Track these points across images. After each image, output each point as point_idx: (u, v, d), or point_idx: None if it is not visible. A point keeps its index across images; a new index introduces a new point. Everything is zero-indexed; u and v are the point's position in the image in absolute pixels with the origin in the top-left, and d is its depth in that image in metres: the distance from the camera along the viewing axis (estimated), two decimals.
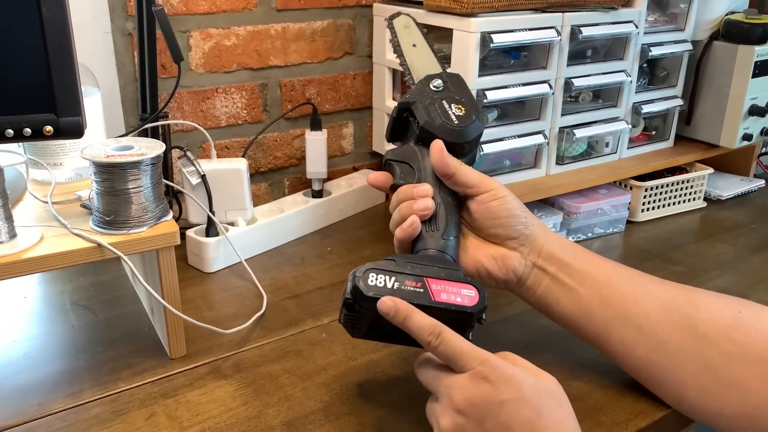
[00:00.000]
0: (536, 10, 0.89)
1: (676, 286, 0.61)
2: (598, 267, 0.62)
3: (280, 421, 0.60)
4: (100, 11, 0.89)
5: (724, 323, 0.56)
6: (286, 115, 1.07)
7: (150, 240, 0.63)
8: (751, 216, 1.07)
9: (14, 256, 0.59)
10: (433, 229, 0.60)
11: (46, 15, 0.55)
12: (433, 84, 0.66)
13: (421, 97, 0.65)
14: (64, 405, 0.62)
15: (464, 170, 0.61)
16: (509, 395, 0.47)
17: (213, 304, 0.80)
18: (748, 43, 1.03)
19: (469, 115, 0.64)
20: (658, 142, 1.11)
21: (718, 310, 0.58)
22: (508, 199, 0.62)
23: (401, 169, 0.64)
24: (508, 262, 0.62)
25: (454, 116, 0.63)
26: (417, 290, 0.54)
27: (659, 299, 0.59)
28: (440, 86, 0.66)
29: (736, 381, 0.54)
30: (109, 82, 0.92)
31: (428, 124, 0.63)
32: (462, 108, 0.64)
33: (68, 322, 0.76)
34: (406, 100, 0.66)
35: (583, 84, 0.95)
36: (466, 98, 0.65)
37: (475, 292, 0.54)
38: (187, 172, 0.86)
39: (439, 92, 0.65)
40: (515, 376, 0.48)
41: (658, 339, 0.58)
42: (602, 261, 0.63)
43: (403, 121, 0.67)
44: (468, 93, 0.66)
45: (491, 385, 0.47)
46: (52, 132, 0.58)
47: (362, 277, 0.54)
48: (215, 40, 0.97)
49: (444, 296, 0.54)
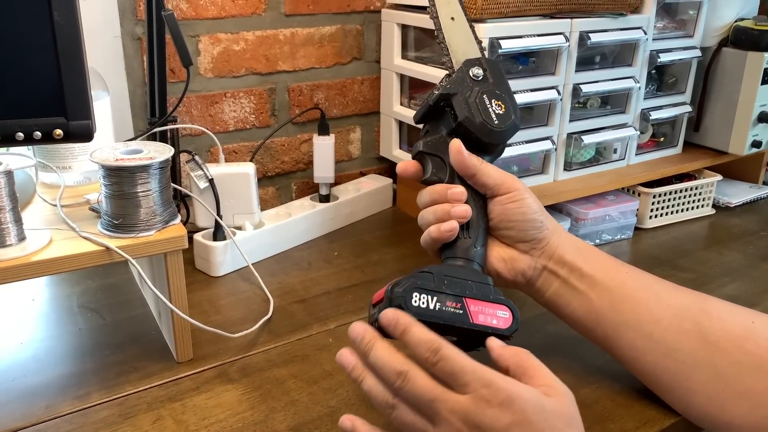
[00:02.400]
0: (545, 16, 0.89)
1: (690, 294, 0.61)
2: (610, 272, 0.62)
3: (286, 426, 0.60)
4: (110, 16, 0.89)
5: (736, 333, 0.56)
6: (294, 119, 1.07)
7: (158, 244, 0.63)
8: (760, 223, 1.06)
9: (23, 259, 0.59)
10: (466, 237, 0.60)
11: (57, 19, 0.56)
12: (472, 72, 0.62)
13: (461, 88, 0.62)
14: (72, 408, 0.62)
15: (486, 170, 0.61)
16: (513, 418, 0.45)
17: (220, 307, 0.80)
18: (758, 50, 1.02)
19: (509, 114, 0.61)
20: (667, 149, 1.10)
21: (731, 320, 0.57)
22: (526, 202, 0.61)
23: (433, 163, 0.63)
24: (516, 265, 0.62)
25: (494, 115, 0.61)
26: (457, 311, 0.55)
27: (671, 306, 0.59)
28: (480, 76, 0.62)
29: (747, 391, 0.54)
30: (119, 86, 0.92)
31: (468, 121, 0.61)
32: (502, 106, 0.61)
33: (76, 324, 0.76)
34: (447, 91, 0.62)
35: (592, 90, 0.94)
36: (505, 93, 0.62)
37: (509, 313, 0.56)
38: (195, 176, 0.86)
39: (479, 83, 0.62)
40: (520, 397, 0.46)
41: (668, 346, 0.57)
42: (616, 266, 0.63)
43: (438, 109, 0.64)
44: (507, 85, 0.63)
45: (496, 410, 0.45)
46: (62, 135, 0.59)
47: (406, 297, 0.54)
48: (224, 45, 0.98)
49: (481, 318, 0.55)
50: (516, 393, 0.46)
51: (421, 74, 0.97)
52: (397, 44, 1.03)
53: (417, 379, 0.48)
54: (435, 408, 0.47)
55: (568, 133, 0.96)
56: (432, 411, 0.47)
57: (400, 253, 0.95)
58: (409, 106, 1.05)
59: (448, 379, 0.48)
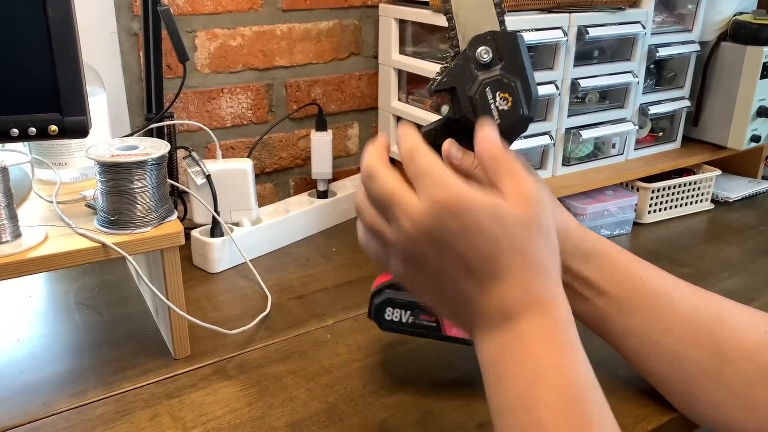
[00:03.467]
0: (543, 10, 0.89)
1: (705, 299, 0.58)
2: (622, 281, 0.58)
3: (284, 422, 0.59)
4: (106, 11, 0.89)
5: (748, 344, 0.54)
6: (291, 115, 1.07)
7: (154, 240, 0.63)
8: (759, 218, 1.06)
9: (18, 256, 0.59)
10: None
11: (51, 14, 0.55)
12: (479, 54, 0.51)
13: (461, 80, 0.52)
14: (69, 405, 0.62)
15: None
16: (462, 224, 0.42)
17: (217, 304, 0.80)
18: (757, 44, 1.02)
19: (516, 108, 0.51)
20: (665, 144, 1.10)
21: (745, 329, 0.55)
22: None
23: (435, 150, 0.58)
24: None
25: (496, 112, 0.52)
26: (430, 324, 0.58)
27: (685, 316, 0.56)
28: (488, 60, 0.51)
29: (755, 402, 0.53)
30: (115, 83, 0.92)
31: (465, 120, 0.52)
32: (509, 99, 0.52)
33: (73, 321, 0.76)
34: (442, 86, 0.52)
35: (590, 85, 0.94)
36: (516, 79, 0.52)
37: None
38: (192, 172, 0.86)
39: (485, 69, 0.51)
40: (473, 202, 0.42)
41: (676, 354, 0.56)
42: (628, 272, 0.59)
43: None
44: (521, 68, 0.52)
45: (445, 215, 0.42)
46: (57, 131, 0.58)
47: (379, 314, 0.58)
48: (221, 41, 0.97)
49: (455, 330, 0.58)
50: (469, 198, 0.42)
51: (420, 69, 0.97)
52: (395, 39, 1.02)
53: (382, 177, 0.45)
54: (391, 208, 0.44)
55: (566, 128, 0.96)
56: (388, 210, 0.45)
57: None
58: (407, 102, 1.04)
59: (414, 181, 0.44)
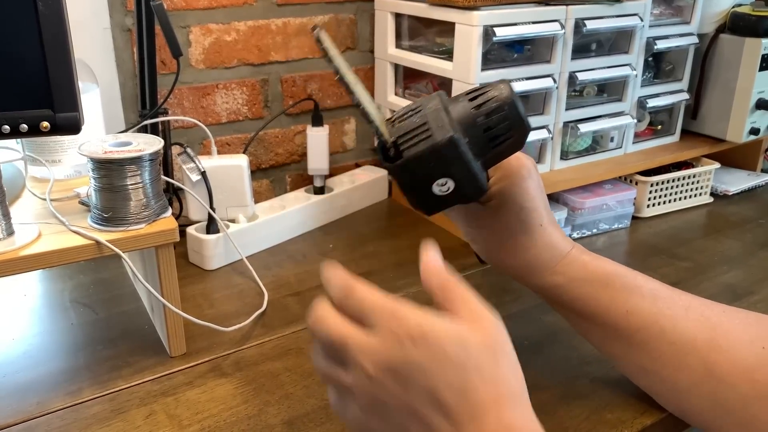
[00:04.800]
0: (540, 3, 0.88)
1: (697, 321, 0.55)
2: (608, 310, 0.57)
3: (280, 420, 0.59)
4: (99, 7, 0.88)
5: (745, 365, 0.52)
6: (287, 111, 1.06)
7: (148, 237, 0.63)
8: (759, 211, 1.06)
9: (11, 253, 0.58)
10: None
11: (41, 9, 0.55)
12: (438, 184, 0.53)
13: None
14: (64, 403, 0.61)
15: None
16: (428, 355, 0.39)
17: (213, 301, 0.79)
18: (755, 36, 1.01)
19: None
20: (664, 137, 1.09)
21: (741, 350, 0.53)
22: None
23: None
24: None
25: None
26: None
27: (675, 343, 0.55)
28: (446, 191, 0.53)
29: (751, 422, 0.51)
30: (109, 78, 0.91)
31: None
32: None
33: (68, 320, 0.75)
34: None
35: (588, 78, 0.94)
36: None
37: None
38: (188, 168, 0.85)
39: None
40: (433, 330, 0.39)
41: (666, 377, 0.55)
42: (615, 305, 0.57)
43: None
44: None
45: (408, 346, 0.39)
46: (48, 128, 0.58)
47: None
48: (215, 36, 0.97)
49: None
50: (429, 326, 0.39)
51: (416, 63, 0.96)
52: (391, 33, 1.02)
53: (327, 319, 0.42)
54: (345, 350, 0.41)
55: (564, 122, 0.95)
56: (342, 354, 0.41)
57: (396, 245, 0.94)
58: (403, 96, 1.04)
59: (360, 319, 0.42)
